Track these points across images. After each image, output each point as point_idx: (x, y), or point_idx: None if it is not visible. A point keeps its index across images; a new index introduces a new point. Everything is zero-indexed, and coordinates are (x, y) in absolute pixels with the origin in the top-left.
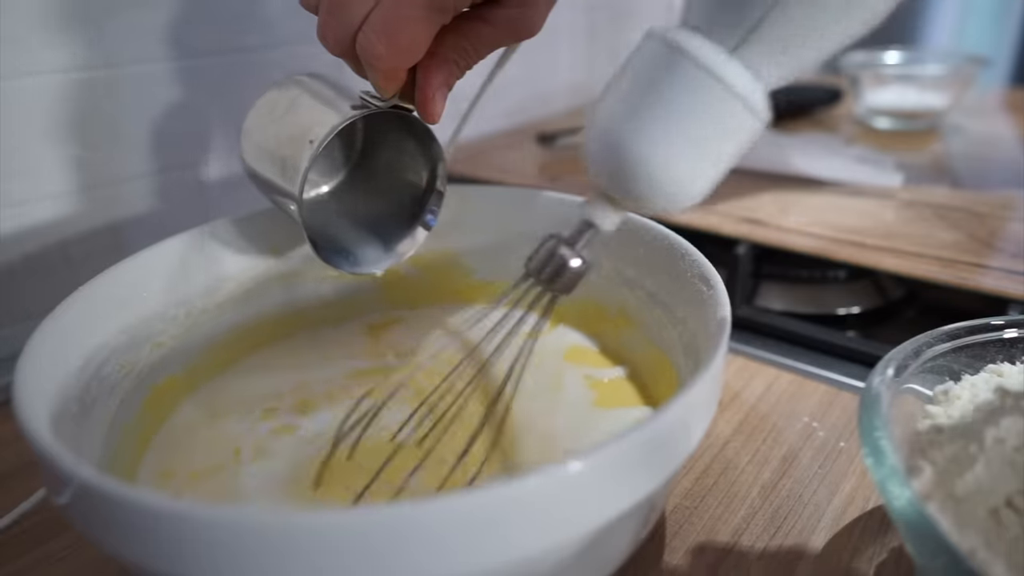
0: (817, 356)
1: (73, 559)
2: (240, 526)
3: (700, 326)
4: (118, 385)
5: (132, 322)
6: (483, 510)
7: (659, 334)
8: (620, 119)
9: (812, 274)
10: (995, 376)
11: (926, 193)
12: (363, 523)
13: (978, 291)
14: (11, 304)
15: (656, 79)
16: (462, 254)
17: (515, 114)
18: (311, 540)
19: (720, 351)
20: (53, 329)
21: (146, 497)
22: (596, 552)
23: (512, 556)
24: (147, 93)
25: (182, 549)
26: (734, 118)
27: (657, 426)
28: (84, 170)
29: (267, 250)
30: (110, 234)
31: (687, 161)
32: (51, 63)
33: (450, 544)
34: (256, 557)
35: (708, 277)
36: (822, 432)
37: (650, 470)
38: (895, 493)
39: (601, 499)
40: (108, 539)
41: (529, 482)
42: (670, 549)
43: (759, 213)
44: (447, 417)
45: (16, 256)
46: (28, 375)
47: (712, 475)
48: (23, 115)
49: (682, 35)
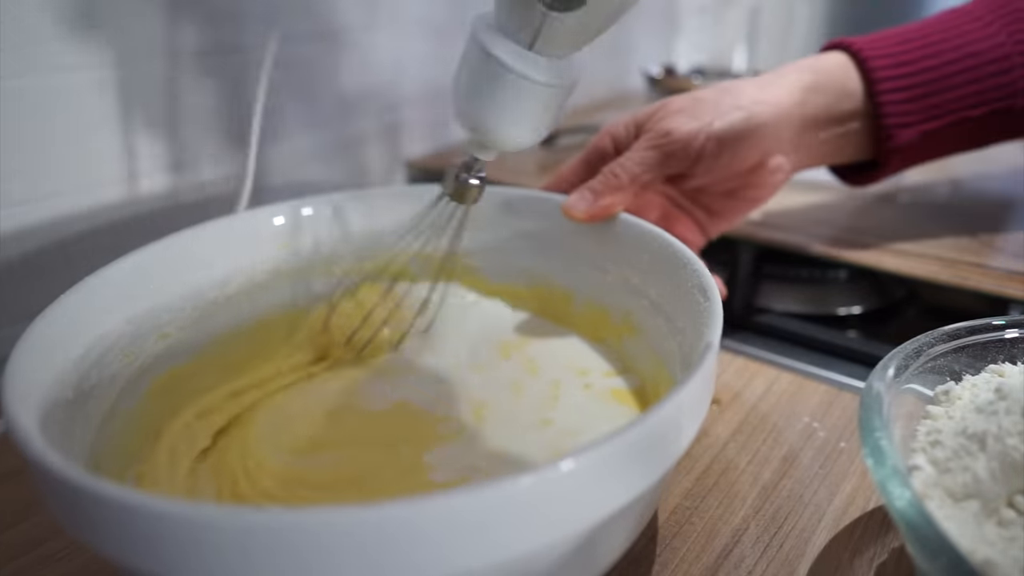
0: (818, 356)
1: (73, 559)
2: (230, 524)
3: (696, 336)
4: (119, 374)
5: (139, 312)
6: (476, 510)
7: (661, 344)
8: (464, 98)
9: (813, 274)
10: (996, 376)
11: (927, 193)
12: (354, 522)
13: (979, 291)
14: (11, 305)
15: (478, 72)
16: (466, 255)
17: None
18: (302, 539)
19: (710, 354)
20: (52, 318)
21: (125, 495)
22: (589, 551)
23: (505, 555)
24: (146, 93)
25: (164, 548)
26: (532, 91)
27: (646, 426)
28: (84, 170)
29: (276, 246)
30: (111, 234)
31: (510, 119)
32: (53, 63)
33: (443, 543)
34: (245, 557)
35: (706, 288)
36: (823, 432)
37: (642, 469)
38: (895, 493)
39: (592, 498)
40: (94, 538)
41: (522, 481)
42: (670, 549)
43: (760, 213)
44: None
45: (16, 256)
46: (21, 360)
47: (712, 475)
48: (26, 114)
49: (488, 37)
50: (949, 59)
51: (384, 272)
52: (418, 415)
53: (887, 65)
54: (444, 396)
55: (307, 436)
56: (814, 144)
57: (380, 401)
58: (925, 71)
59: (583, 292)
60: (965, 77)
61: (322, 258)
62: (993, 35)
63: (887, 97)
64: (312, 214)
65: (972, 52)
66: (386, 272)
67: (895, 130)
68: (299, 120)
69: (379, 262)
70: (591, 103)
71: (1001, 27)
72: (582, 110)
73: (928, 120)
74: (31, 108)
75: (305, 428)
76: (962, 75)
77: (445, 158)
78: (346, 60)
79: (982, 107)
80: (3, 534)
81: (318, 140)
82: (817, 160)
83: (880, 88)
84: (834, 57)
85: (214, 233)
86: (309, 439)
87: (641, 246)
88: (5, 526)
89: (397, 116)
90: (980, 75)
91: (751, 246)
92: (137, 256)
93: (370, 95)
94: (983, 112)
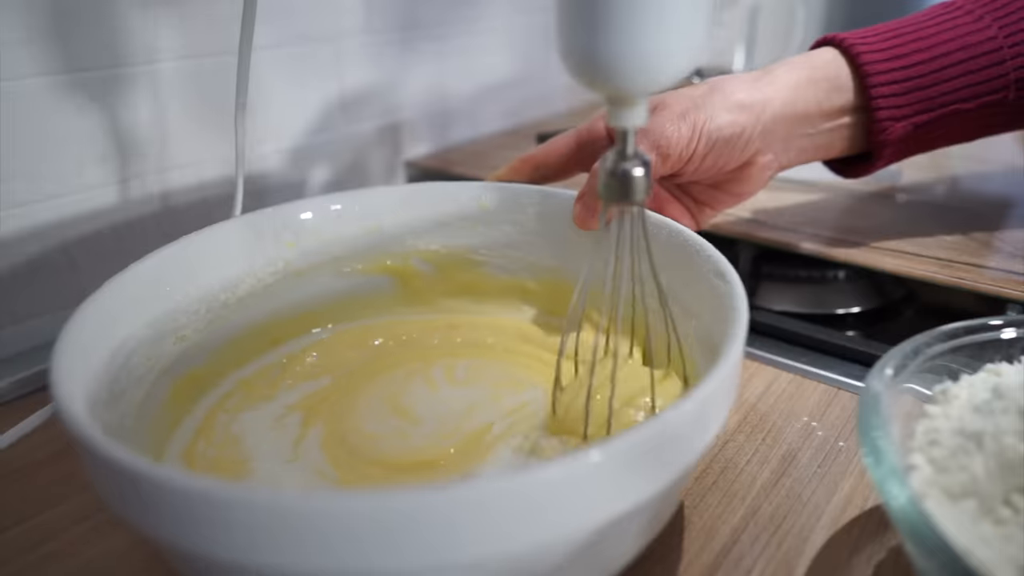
0: (816, 356)
1: (73, 559)
2: (270, 507)
3: (716, 319)
4: (143, 377)
5: (158, 315)
6: (507, 496)
7: (672, 328)
8: (587, 25)
9: (812, 274)
10: (993, 376)
11: (925, 193)
12: (380, 508)
13: (976, 291)
14: (13, 305)
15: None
16: (476, 249)
17: (515, 114)
18: (329, 524)
19: (737, 345)
20: (86, 319)
21: (191, 480)
22: (607, 546)
23: (525, 544)
24: (147, 93)
25: (216, 529)
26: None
27: (679, 416)
28: (85, 171)
29: (283, 246)
30: (113, 237)
31: (659, 40)
32: (49, 65)
33: (481, 526)
34: (277, 538)
35: (723, 272)
36: (821, 431)
37: (670, 458)
38: (894, 492)
39: (617, 490)
40: (147, 520)
41: (552, 469)
42: (670, 548)
43: (759, 213)
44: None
45: (19, 257)
46: (64, 362)
47: (712, 474)
48: (27, 115)
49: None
50: (941, 52)
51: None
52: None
53: (878, 59)
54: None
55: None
56: (805, 140)
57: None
58: (916, 64)
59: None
60: (957, 70)
61: (332, 257)
62: (984, 28)
63: (879, 91)
64: (320, 214)
65: (963, 45)
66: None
67: (887, 123)
68: (299, 120)
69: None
70: (591, 104)
71: (992, 20)
72: (581, 111)
73: (920, 113)
74: (34, 108)
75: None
76: (954, 68)
77: (445, 158)
78: (346, 60)
79: (974, 100)
80: (3, 534)
81: (318, 140)
82: (809, 155)
83: (872, 82)
84: (825, 53)
85: (223, 235)
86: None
87: (651, 235)
88: (4, 527)
89: (397, 116)
90: (972, 68)
91: (750, 246)
92: (152, 260)
93: (370, 95)
94: (975, 105)
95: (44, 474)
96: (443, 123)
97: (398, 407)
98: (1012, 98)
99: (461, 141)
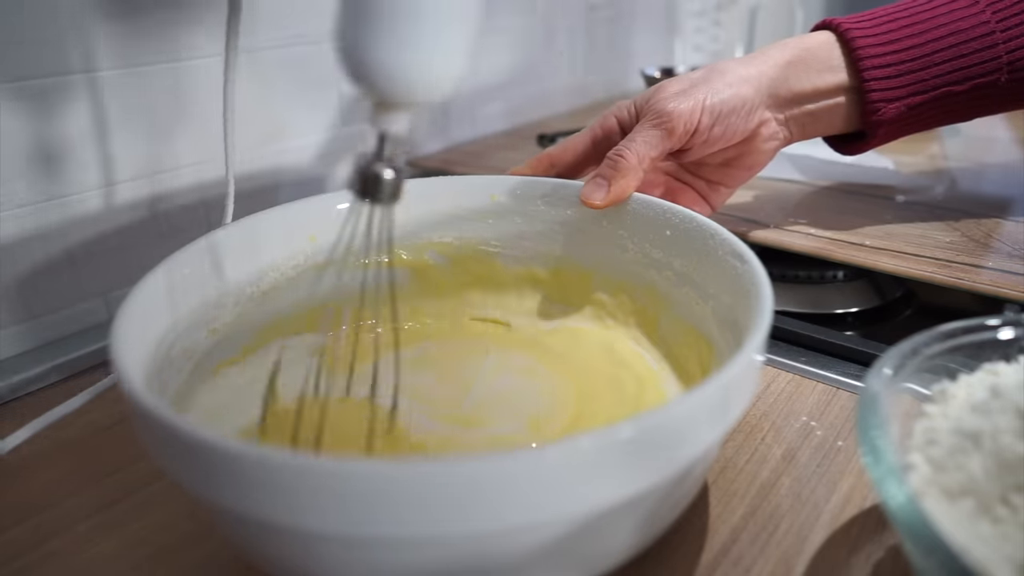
0: (815, 355)
1: (75, 558)
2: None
3: (738, 298)
4: (183, 368)
5: (194, 307)
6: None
7: (689, 310)
8: (352, 29)
9: (810, 274)
10: (991, 375)
11: (924, 193)
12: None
13: (974, 291)
14: (15, 305)
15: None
16: (489, 241)
17: (515, 114)
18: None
19: (763, 328)
20: (136, 309)
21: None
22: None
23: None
24: (146, 94)
25: (278, 495)
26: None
27: (704, 394)
28: (87, 172)
29: (304, 239)
30: (116, 236)
31: (420, 51)
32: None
33: (519, 495)
34: (344, 501)
35: (741, 253)
36: (820, 431)
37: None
38: (892, 492)
39: (620, 476)
40: (210, 487)
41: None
42: (669, 547)
43: (758, 213)
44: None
45: (20, 257)
46: (123, 345)
47: (711, 474)
48: (29, 116)
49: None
50: (933, 37)
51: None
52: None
53: (872, 43)
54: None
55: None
56: (802, 116)
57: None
58: (909, 48)
59: (602, 271)
60: (948, 54)
61: (351, 252)
62: (977, 13)
63: (871, 73)
64: (337, 210)
65: (956, 30)
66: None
67: (880, 104)
68: (299, 119)
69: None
70: (590, 105)
71: (986, 5)
72: (581, 112)
73: (913, 95)
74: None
75: None
76: (946, 52)
77: (446, 158)
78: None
79: (966, 82)
80: (6, 532)
81: (318, 140)
82: (808, 132)
83: (865, 64)
84: (820, 35)
85: (243, 230)
86: None
87: (662, 222)
88: (6, 526)
89: None
90: (963, 52)
91: (748, 246)
92: (182, 255)
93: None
94: (967, 87)
95: (46, 473)
96: (443, 123)
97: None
98: (1004, 81)
99: (461, 141)
